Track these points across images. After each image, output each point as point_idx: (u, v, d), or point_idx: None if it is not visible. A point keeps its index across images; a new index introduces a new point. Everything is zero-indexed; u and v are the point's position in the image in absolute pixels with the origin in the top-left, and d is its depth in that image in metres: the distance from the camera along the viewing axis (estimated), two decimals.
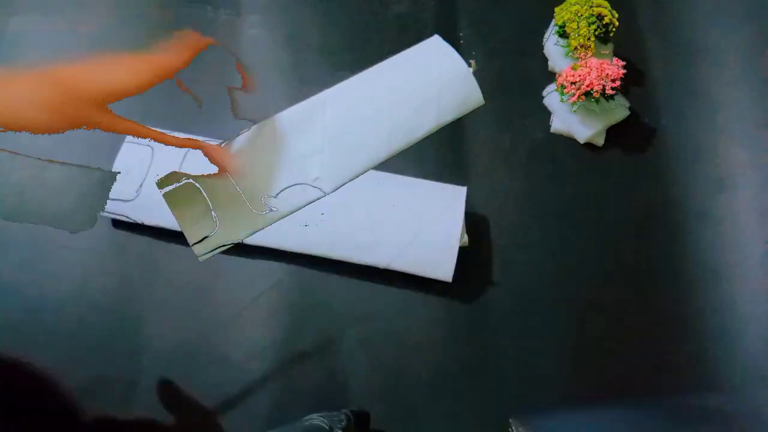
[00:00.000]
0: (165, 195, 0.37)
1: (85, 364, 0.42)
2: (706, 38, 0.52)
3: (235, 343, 0.43)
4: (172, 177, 0.37)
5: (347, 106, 0.39)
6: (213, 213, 0.38)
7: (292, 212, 0.39)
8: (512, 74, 0.51)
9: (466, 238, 0.45)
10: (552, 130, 0.49)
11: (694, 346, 0.44)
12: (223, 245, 0.38)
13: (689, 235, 0.47)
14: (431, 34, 0.52)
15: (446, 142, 0.49)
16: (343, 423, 0.37)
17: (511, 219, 0.47)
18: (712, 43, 0.52)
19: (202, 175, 0.38)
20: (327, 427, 0.36)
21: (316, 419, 0.38)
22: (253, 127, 0.39)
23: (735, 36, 0.52)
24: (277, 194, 0.39)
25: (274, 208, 0.39)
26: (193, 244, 0.37)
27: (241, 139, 0.39)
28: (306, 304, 0.44)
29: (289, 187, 0.39)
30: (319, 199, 0.39)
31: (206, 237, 0.38)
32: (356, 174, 0.39)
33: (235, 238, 0.38)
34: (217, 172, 0.38)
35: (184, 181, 0.37)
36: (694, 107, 0.50)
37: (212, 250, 0.38)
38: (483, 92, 0.50)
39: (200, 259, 0.37)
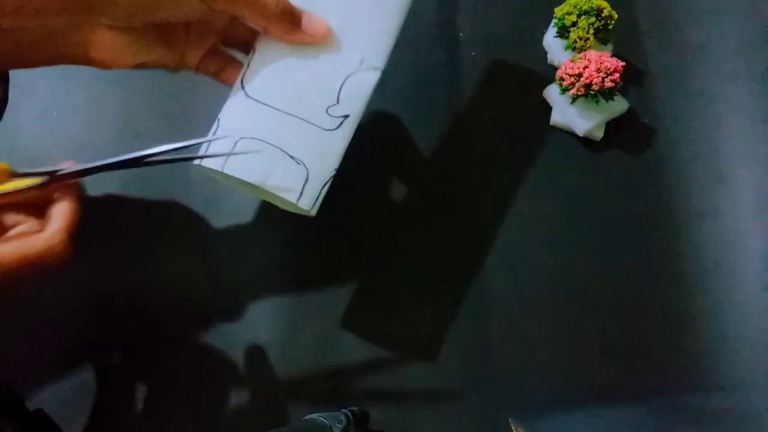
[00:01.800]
0: (230, 168, 0.33)
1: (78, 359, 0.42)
2: (705, 36, 0.52)
3: (233, 341, 0.43)
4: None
5: None
6: (291, 156, 0.34)
7: (364, 107, 0.35)
8: (512, 70, 0.51)
9: None
10: (551, 122, 0.49)
11: (694, 345, 0.44)
12: (325, 183, 0.34)
13: (689, 231, 0.47)
14: (431, 33, 0.52)
15: (443, 140, 0.49)
16: (342, 422, 0.37)
17: (510, 217, 0.47)
18: (711, 40, 0.51)
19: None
20: (327, 424, 0.36)
21: (316, 418, 0.38)
22: (258, 50, 0.34)
23: (734, 33, 0.52)
24: (338, 97, 0.34)
25: (346, 114, 0.35)
26: (298, 200, 0.33)
27: (259, 67, 0.34)
28: (305, 302, 0.44)
29: (342, 84, 0.34)
30: (379, 78, 0.35)
31: (304, 185, 0.34)
32: (397, 27, 0.35)
33: (332, 168, 0.34)
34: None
35: (238, 144, 0.33)
36: (693, 103, 0.50)
37: (318, 195, 0.34)
38: (483, 88, 0.50)
39: (312, 212, 0.34)
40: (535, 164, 0.48)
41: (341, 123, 0.34)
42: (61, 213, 0.31)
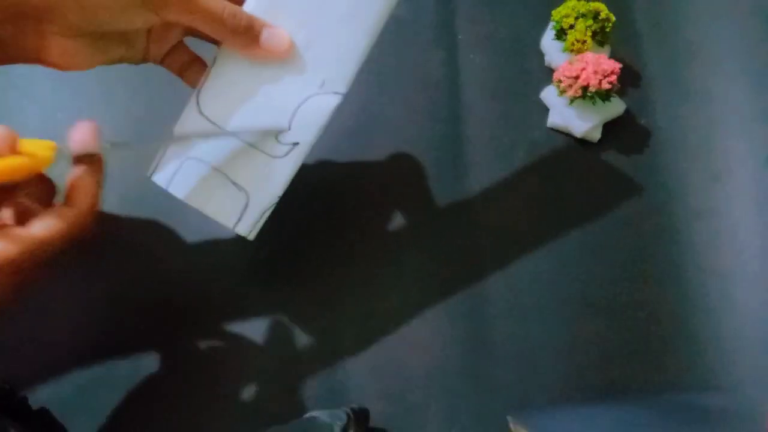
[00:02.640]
0: (175, 189, 0.33)
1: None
2: (702, 36, 0.52)
3: (233, 341, 0.43)
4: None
5: None
6: (233, 182, 0.34)
7: (317, 135, 0.33)
8: (510, 73, 0.51)
9: None
10: (549, 124, 0.49)
11: (693, 345, 0.44)
12: (266, 210, 0.34)
13: (687, 232, 0.47)
14: (429, 35, 0.52)
15: (442, 142, 0.49)
16: (343, 420, 0.37)
17: (509, 218, 0.47)
18: (707, 41, 0.52)
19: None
20: (327, 423, 0.36)
21: (317, 416, 0.38)
22: (217, 62, 0.33)
23: (730, 34, 0.52)
24: (290, 124, 0.33)
25: (295, 142, 0.33)
26: (234, 226, 0.33)
27: (215, 83, 0.33)
28: (305, 300, 0.44)
29: (298, 108, 0.33)
30: (339, 104, 0.33)
31: (243, 212, 0.34)
32: (365, 51, 0.32)
33: (275, 196, 0.34)
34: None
35: (185, 164, 0.33)
36: (689, 104, 0.50)
37: (258, 221, 0.34)
38: (481, 91, 0.50)
39: (250, 237, 0.34)
40: (533, 165, 0.48)
41: (290, 151, 0.34)
42: (87, 188, 0.30)
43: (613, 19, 0.47)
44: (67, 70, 0.30)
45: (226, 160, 0.34)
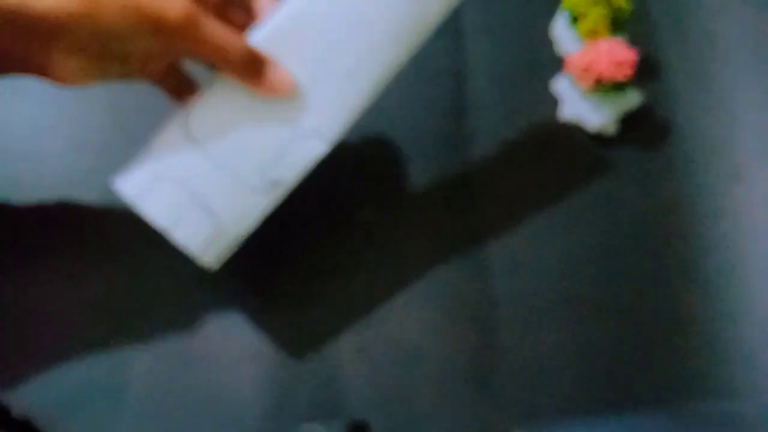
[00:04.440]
0: (142, 205, 0.33)
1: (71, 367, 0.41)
2: (721, 28, 0.51)
3: (227, 350, 0.42)
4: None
5: (325, 13, 0.31)
6: (207, 208, 0.33)
7: (299, 177, 0.34)
8: (518, 63, 0.50)
9: None
10: (560, 118, 0.48)
11: (710, 351, 0.43)
12: (234, 242, 0.33)
13: (705, 232, 0.46)
14: None
15: (446, 134, 0.48)
16: None
17: (518, 216, 0.46)
18: (728, 30, 0.51)
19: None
20: None
21: (314, 427, 0.37)
22: (214, 85, 0.33)
23: (752, 22, 0.51)
24: (277, 160, 0.33)
25: (277, 180, 0.33)
26: (201, 253, 0.33)
27: (208, 105, 0.33)
28: (301, 308, 0.43)
29: (287, 146, 0.33)
30: (324, 153, 0.33)
31: (211, 240, 0.33)
32: (360, 109, 0.33)
33: (247, 230, 0.34)
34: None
35: (158, 182, 0.33)
36: (708, 98, 0.49)
37: (224, 252, 0.34)
38: (488, 81, 0.49)
39: (215, 267, 0.33)
40: (543, 161, 0.47)
41: (270, 188, 0.34)
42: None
43: (628, 7, 0.46)
44: (66, 85, 0.32)
45: (205, 185, 0.33)
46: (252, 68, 0.32)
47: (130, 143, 0.46)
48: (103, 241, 0.44)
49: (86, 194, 0.45)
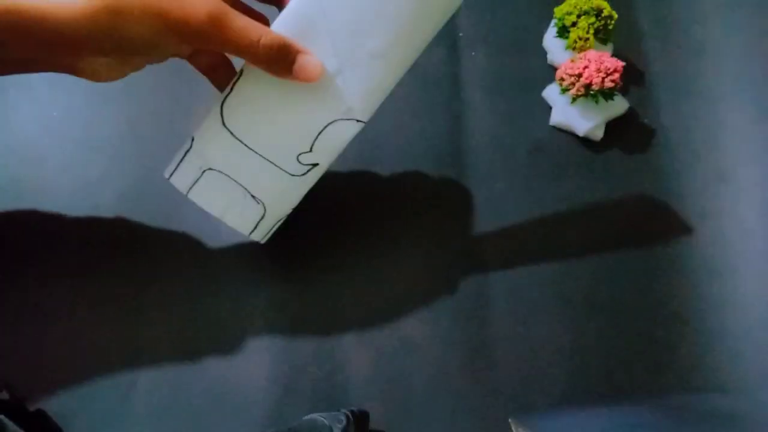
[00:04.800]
0: (194, 196, 0.35)
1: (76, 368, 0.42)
2: (707, 34, 0.52)
3: (232, 342, 0.43)
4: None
5: None
6: (252, 195, 0.35)
7: (335, 158, 0.34)
8: (512, 71, 0.51)
9: None
10: (551, 123, 0.49)
11: (697, 346, 0.44)
12: (280, 220, 0.36)
13: (691, 232, 0.47)
14: None
15: (443, 140, 0.49)
16: (342, 422, 0.37)
17: (511, 217, 0.47)
18: (712, 39, 0.52)
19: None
20: (327, 425, 0.36)
21: (316, 418, 0.37)
22: (244, 75, 0.33)
23: (735, 32, 0.52)
24: (312, 146, 0.34)
25: (315, 163, 0.34)
26: (250, 234, 0.36)
27: (240, 96, 0.33)
28: (304, 302, 0.44)
29: (321, 131, 0.33)
30: (359, 132, 0.33)
31: (258, 222, 0.36)
32: (389, 88, 0.33)
33: (289, 208, 0.36)
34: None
35: (206, 173, 0.35)
36: (694, 102, 0.50)
37: (271, 229, 0.37)
38: (483, 89, 0.50)
39: (262, 242, 0.36)
40: (535, 164, 0.48)
41: (308, 170, 0.35)
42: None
43: (616, 16, 0.47)
44: (98, 81, 0.33)
45: (246, 174, 0.35)
46: (279, 59, 0.31)
47: (141, 144, 0.47)
48: (111, 241, 0.45)
49: (97, 195, 0.45)
